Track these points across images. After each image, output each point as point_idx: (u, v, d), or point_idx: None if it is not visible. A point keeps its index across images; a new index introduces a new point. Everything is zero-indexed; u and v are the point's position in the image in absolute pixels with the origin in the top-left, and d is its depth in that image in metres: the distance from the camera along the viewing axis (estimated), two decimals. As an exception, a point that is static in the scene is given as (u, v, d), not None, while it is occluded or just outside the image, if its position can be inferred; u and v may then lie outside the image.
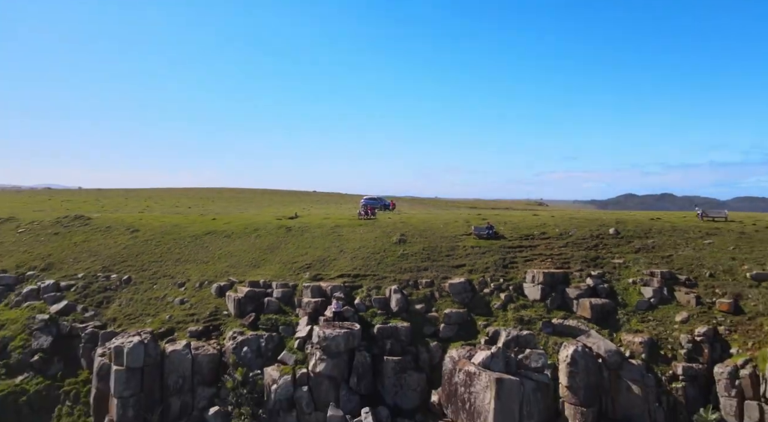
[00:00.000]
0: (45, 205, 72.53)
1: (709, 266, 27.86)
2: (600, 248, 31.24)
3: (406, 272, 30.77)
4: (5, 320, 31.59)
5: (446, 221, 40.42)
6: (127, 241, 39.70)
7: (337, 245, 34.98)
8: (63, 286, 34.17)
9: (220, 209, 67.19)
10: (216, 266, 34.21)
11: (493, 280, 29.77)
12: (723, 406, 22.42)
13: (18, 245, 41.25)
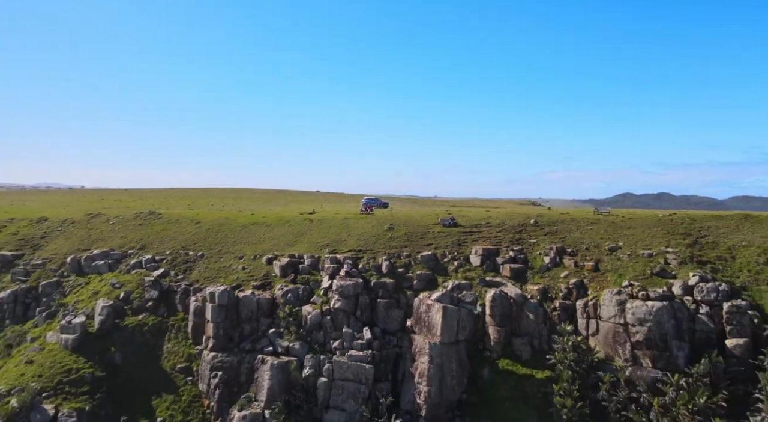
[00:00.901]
0: (98, 204, 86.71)
1: (586, 243, 41.91)
2: (522, 232, 45.32)
3: (393, 248, 44.85)
4: (123, 280, 45.67)
5: (423, 215, 54.66)
6: (194, 229, 53.85)
7: (346, 231, 49.09)
8: (157, 259, 48.29)
9: (248, 206, 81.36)
10: (263, 245, 48.31)
11: (450, 253, 43.85)
12: (579, 324, 36.48)
13: (114, 233, 55.40)
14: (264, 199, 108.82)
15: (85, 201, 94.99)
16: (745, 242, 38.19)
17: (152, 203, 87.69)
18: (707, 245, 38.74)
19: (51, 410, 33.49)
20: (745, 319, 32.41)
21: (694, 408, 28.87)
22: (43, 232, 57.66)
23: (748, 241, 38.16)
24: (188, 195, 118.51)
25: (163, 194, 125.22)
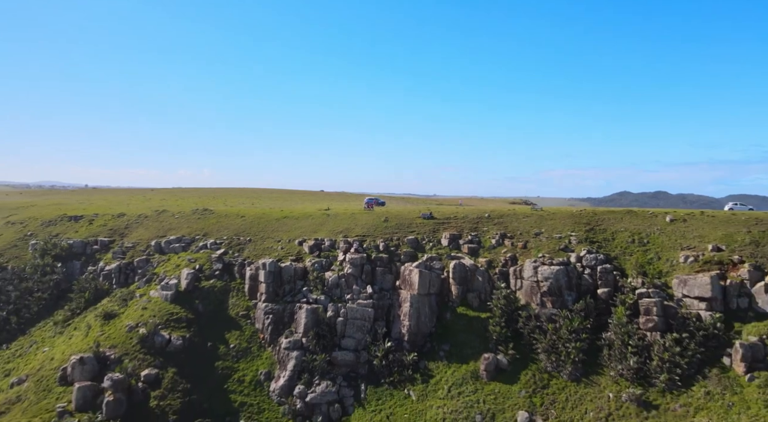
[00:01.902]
0: (149, 203, 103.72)
1: (521, 230, 58.99)
2: (479, 223, 62.37)
3: (387, 233, 61.86)
4: (196, 257, 62.67)
5: (410, 210, 71.80)
6: (240, 222, 70.91)
7: (354, 222, 66.11)
8: (218, 242, 65.35)
9: (272, 205, 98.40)
10: (294, 232, 65.33)
11: (426, 237, 60.92)
12: (510, 283, 53.22)
13: (180, 224, 72.46)
14: (282, 198, 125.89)
15: (136, 200, 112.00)
16: (622, 228, 55.23)
17: (194, 202, 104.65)
18: (599, 231, 55.79)
19: (166, 335, 50.59)
20: (610, 276, 49.46)
21: (572, 329, 45.90)
22: (125, 224, 74.80)
23: (625, 228, 55.18)
24: (211, 194, 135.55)
25: (188, 193, 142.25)
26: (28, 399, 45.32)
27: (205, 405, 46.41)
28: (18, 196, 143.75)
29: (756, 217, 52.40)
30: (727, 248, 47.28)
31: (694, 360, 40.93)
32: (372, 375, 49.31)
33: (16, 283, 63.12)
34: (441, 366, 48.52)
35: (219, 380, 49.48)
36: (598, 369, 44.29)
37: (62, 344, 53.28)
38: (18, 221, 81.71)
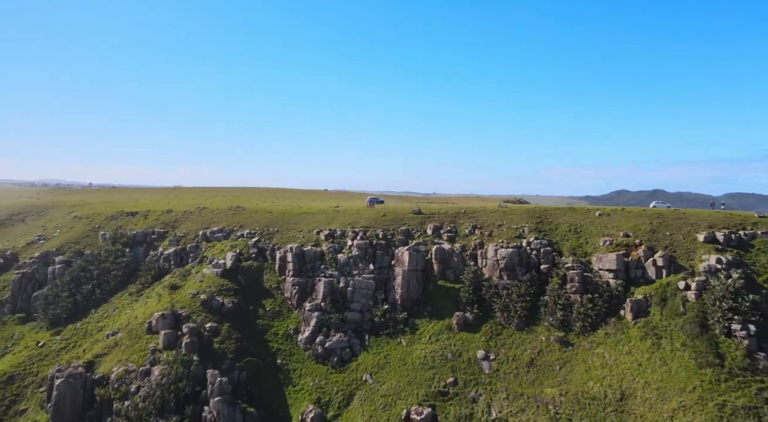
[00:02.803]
0: (185, 201, 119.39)
1: (488, 222, 74.66)
2: (456, 217, 78.06)
3: (385, 225, 77.55)
4: (236, 244, 78.44)
5: (404, 207, 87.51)
6: (268, 216, 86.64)
7: (359, 216, 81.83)
8: (252, 232, 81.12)
9: (289, 203, 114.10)
10: (312, 224, 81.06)
11: (415, 228, 76.61)
12: (478, 262, 68.86)
13: (219, 218, 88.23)
14: (296, 197, 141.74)
15: (171, 198, 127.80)
16: (564, 221, 70.93)
17: (221, 200, 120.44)
18: (546, 223, 71.48)
19: (220, 300, 66.40)
20: (550, 256, 65.11)
21: (519, 294, 61.50)
22: (174, 218, 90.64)
23: (566, 221, 70.87)
24: (232, 193, 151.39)
25: (212, 192, 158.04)
26: (124, 344, 61.14)
27: (251, 349, 62.20)
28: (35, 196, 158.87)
29: (659, 213, 68.19)
30: (633, 235, 63.07)
31: (601, 313, 56.71)
32: (373, 328, 65.09)
33: (96, 264, 78.90)
34: (424, 322, 64.30)
35: (260, 333, 65.30)
36: (536, 321, 60.04)
37: (140, 307, 69.12)
38: (84, 216, 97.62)
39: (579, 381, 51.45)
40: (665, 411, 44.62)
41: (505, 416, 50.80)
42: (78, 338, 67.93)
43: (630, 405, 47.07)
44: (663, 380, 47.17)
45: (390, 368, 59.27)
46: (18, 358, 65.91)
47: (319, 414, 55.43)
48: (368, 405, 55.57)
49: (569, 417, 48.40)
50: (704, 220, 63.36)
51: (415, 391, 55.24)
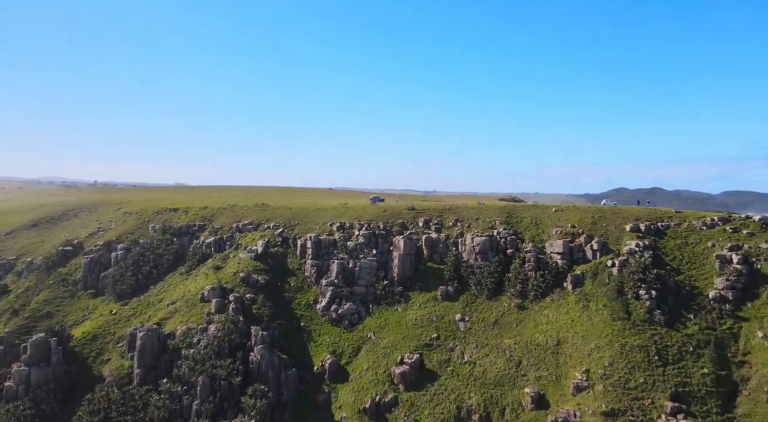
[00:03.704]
0: (213, 199, 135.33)
1: (469, 216, 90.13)
2: (443, 212, 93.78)
3: (385, 219, 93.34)
4: (264, 234, 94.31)
5: (401, 205, 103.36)
6: (289, 212, 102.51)
7: (364, 211, 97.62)
8: (276, 225, 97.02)
9: (304, 201, 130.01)
10: (325, 218, 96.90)
11: (409, 221, 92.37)
12: (459, 248, 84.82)
13: (248, 213, 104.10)
14: (306, 195, 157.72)
15: (201, 196, 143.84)
16: (527, 216, 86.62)
17: (242, 198, 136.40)
18: (514, 217, 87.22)
19: (255, 277, 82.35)
20: (514, 243, 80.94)
21: (489, 272, 77.22)
22: (210, 214, 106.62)
23: (529, 215, 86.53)
24: (249, 192, 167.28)
25: (231, 190, 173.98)
26: (183, 310, 77.09)
27: (281, 314, 78.16)
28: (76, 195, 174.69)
29: (601, 209, 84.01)
30: (578, 226, 78.92)
31: (549, 284, 72.50)
32: (376, 299, 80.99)
33: (151, 250, 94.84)
34: (416, 293, 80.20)
35: (287, 303, 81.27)
36: (501, 292, 75.84)
37: (191, 283, 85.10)
38: (133, 212, 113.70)
39: (529, 333, 67.40)
40: (586, 350, 60.60)
41: (474, 359, 66.80)
42: (143, 307, 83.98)
43: (563, 348, 63.07)
44: (587, 330, 63.12)
45: (389, 328, 75.24)
46: (97, 322, 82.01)
47: (335, 361, 71.45)
48: (372, 354, 71.55)
49: (520, 358, 64.40)
50: (633, 214, 79.27)
51: (408, 344, 71.20)
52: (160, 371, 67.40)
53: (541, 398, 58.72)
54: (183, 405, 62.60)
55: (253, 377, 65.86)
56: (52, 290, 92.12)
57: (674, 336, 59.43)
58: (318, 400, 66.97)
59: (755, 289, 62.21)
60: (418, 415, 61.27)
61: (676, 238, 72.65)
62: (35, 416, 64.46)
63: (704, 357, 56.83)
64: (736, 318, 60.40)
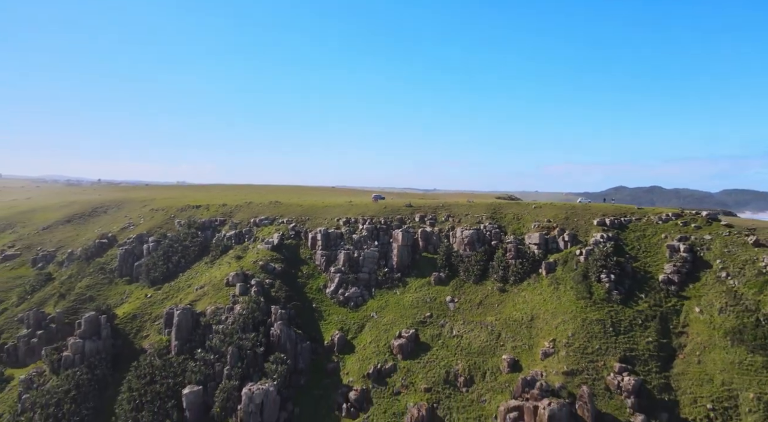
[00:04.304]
0: (228, 197, 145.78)
1: (460, 212, 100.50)
2: (437, 209, 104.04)
3: (386, 214, 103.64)
4: (279, 228, 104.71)
5: (400, 202, 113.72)
6: (300, 208, 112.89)
7: (367, 208, 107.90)
8: (290, 220, 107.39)
9: (314, 199, 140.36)
10: (333, 213, 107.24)
11: (407, 216, 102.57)
12: (450, 240, 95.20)
13: (263, 209, 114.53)
14: (313, 193, 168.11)
15: (213, 194, 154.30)
16: (510, 212, 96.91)
17: (256, 196, 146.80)
18: (498, 212, 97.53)
19: (272, 265, 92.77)
20: (498, 235, 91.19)
21: (476, 260, 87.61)
22: (229, 210, 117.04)
23: (512, 211, 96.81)
24: (263, 190, 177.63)
25: (244, 189, 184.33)
26: (211, 293, 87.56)
27: (296, 296, 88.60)
28: (96, 194, 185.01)
29: (573, 206, 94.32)
30: (553, 221, 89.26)
31: (527, 271, 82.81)
32: (377, 284, 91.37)
33: (179, 242, 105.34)
34: (412, 279, 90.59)
35: (300, 287, 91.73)
36: (485, 278, 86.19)
37: (216, 271, 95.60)
38: (160, 208, 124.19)
39: (508, 312, 77.85)
40: (554, 324, 71.03)
41: (461, 333, 77.27)
42: (174, 291, 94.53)
43: (535, 322, 73.51)
44: (556, 307, 73.56)
45: (388, 308, 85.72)
46: (134, 304, 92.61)
47: (343, 336, 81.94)
48: (374, 330, 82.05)
49: (499, 332, 74.85)
50: (601, 210, 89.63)
51: (405, 321, 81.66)
52: (194, 343, 77.88)
53: (516, 363, 69.18)
54: (215, 371, 73.07)
55: (274, 348, 76.36)
56: (93, 278, 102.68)
57: (627, 311, 69.83)
58: (328, 368, 77.46)
59: (697, 273, 72.54)
60: (413, 378, 71.75)
61: (635, 231, 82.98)
62: (90, 380, 75.06)
63: (650, 328, 67.19)
64: (680, 296, 70.72)
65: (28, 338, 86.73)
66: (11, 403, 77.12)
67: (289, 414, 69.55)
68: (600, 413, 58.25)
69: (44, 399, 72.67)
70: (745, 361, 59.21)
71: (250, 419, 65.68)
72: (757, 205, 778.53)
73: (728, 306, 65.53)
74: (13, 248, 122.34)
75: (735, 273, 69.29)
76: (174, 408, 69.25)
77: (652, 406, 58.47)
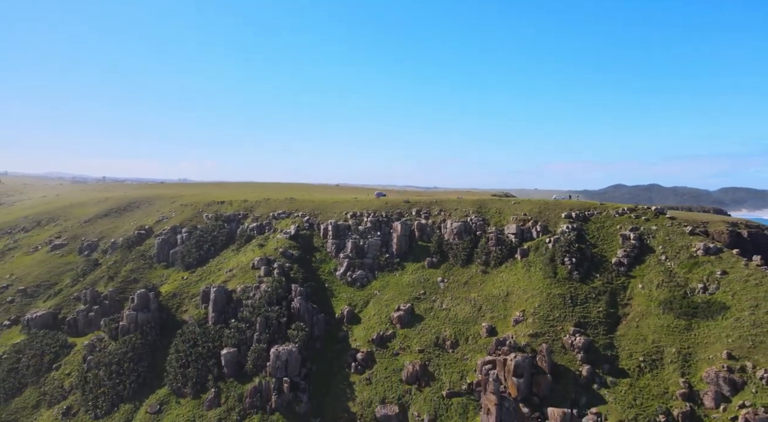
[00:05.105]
0: (246, 194, 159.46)
1: (450, 207, 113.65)
2: (431, 205, 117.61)
3: (387, 209, 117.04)
4: (295, 220, 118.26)
5: (400, 199, 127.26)
6: (312, 204, 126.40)
7: (371, 203, 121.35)
8: (304, 214, 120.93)
9: (324, 195, 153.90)
10: (341, 208, 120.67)
11: (405, 211, 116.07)
12: (442, 231, 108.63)
13: (279, 205, 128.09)
14: (319, 190, 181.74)
15: (231, 191, 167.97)
16: (493, 207, 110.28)
17: (272, 193, 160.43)
18: (483, 207, 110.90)
19: (291, 251, 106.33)
20: (482, 227, 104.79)
21: (463, 247, 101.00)
22: (250, 205, 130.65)
23: (495, 206, 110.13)
24: (275, 188, 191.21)
25: (259, 187, 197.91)
26: (239, 275, 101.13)
27: (310, 278, 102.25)
28: (124, 191, 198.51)
29: (546, 202, 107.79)
30: (528, 214, 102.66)
31: (505, 256, 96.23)
32: (380, 267, 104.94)
33: (208, 233, 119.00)
34: (409, 263, 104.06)
35: (314, 270, 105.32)
36: (471, 262, 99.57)
37: (242, 256, 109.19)
38: (189, 204, 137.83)
39: (488, 289, 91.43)
40: (524, 298, 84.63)
41: (449, 307, 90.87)
42: (206, 274, 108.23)
43: (510, 297, 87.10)
44: (527, 285, 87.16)
45: (389, 287, 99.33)
46: (174, 285, 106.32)
47: (351, 310, 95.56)
48: (377, 305, 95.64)
49: (481, 305, 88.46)
50: (569, 205, 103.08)
51: (403, 297, 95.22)
52: (227, 315, 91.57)
53: (493, 329, 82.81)
54: (247, 336, 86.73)
55: (294, 318, 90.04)
56: (135, 263, 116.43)
57: (584, 287, 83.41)
58: (339, 336, 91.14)
59: (643, 257, 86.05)
60: (409, 343, 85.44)
61: (596, 223, 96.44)
62: (143, 344, 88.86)
63: (601, 301, 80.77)
64: (627, 276, 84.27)
65: (86, 312, 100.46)
66: (77, 364, 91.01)
67: (308, 370, 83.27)
68: (556, 364, 71.89)
69: (107, 359, 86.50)
70: (671, 325, 72.88)
71: (277, 373, 79.40)
72: (754, 203, 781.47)
73: (664, 283, 79.18)
74: (59, 238, 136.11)
75: (672, 256, 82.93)
76: (214, 366, 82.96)
77: (597, 360, 72.11)
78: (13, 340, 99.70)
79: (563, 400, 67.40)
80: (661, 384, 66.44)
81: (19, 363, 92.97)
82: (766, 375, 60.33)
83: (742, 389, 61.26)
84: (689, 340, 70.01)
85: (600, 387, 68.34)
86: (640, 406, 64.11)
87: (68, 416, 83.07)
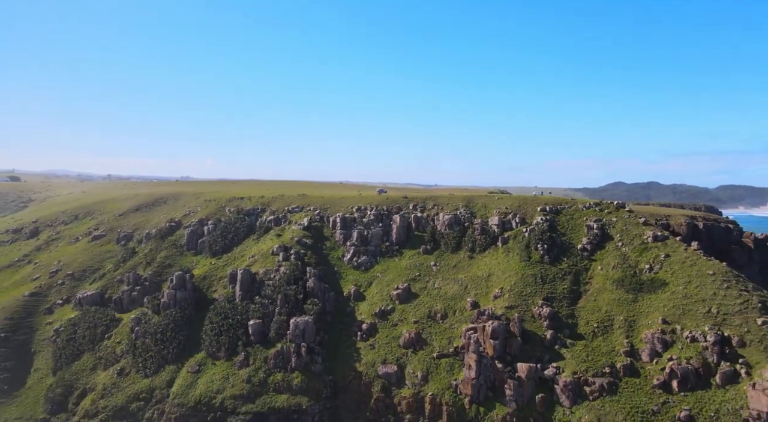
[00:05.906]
0: (264, 191, 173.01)
1: (443, 201, 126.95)
2: (426, 200, 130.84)
3: (388, 204, 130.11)
4: (307, 214, 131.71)
5: (399, 195, 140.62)
6: (322, 199, 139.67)
7: (374, 199, 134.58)
8: (315, 208, 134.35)
9: (331, 192, 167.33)
10: (347, 203, 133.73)
11: (403, 205, 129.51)
12: (435, 223, 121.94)
13: (292, 200, 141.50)
14: (325, 187, 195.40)
15: (245, 188, 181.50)
16: (480, 202, 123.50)
17: (284, 190, 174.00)
18: (471, 202, 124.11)
19: (305, 240, 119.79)
20: (469, 219, 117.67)
21: (452, 237, 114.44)
22: (267, 201, 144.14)
23: (481, 202, 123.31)
24: (286, 186, 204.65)
25: (274, 184, 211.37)
26: (260, 260, 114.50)
27: (321, 262, 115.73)
28: (148, 189, 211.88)
29: (525, 197, 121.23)
30: (509, 208, 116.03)
31: (489, 243, 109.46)
32: (381, 254, 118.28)
33: (232, 224, 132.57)
34: (407, 250, 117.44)
35: (324, 256, 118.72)
36: (460, 249, 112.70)
37: (262, 244, 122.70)
38: (212, 199, 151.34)
39: (474, 271, 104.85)
40: (503, 278, 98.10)
41: (440, 286, 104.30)
42: (231, 260, 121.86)
43: (491, 278, 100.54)
44: (505, 267, 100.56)
45: (389, 270, 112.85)
46: (204, 269, 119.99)
47: (357, 289, 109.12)
48: (379, 285, 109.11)
49: (467, 284, 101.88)
50: (544, 201, 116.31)
51: (401, 279, 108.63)
52: (252, 293, 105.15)
53: (476, 303, 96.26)
54: (269, 310, 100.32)
55: (309, 295, 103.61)
56: (168, 251, 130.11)
57: (553, 269, 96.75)
58: (347, 311, 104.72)
59: (603, 244, 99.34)
60: (406, 315, 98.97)
61: (566, 215, 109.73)
62: (182, 317, 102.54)
63: (566, 280, 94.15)
64: (590, 260, 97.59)
65: (130, 292, 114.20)
66: (126, 334, 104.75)
67: (321, 338, 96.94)
68: (525, 330, 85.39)
69: (152, 330, 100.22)
70: (622, 298, 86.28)
71: (296, 339, 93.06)
72: (751, 200, 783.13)
73: (618, 264, 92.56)
74: (98, 230, 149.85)
75: (627, 243, 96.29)
76: (243, 334, 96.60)
77: (560, 326, 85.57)
78: (68, 316, 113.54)
79: (530, 358, 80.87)
80: (609, 345, 79.88)
81: (76, 334, 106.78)
82: (691, 334, 73.70)
83: (671, 346, 74.67)
84: (635, 310, 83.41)
85: (560, 348, 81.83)
86: (591, 361, 77.56)
87: (122, 375, 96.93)
